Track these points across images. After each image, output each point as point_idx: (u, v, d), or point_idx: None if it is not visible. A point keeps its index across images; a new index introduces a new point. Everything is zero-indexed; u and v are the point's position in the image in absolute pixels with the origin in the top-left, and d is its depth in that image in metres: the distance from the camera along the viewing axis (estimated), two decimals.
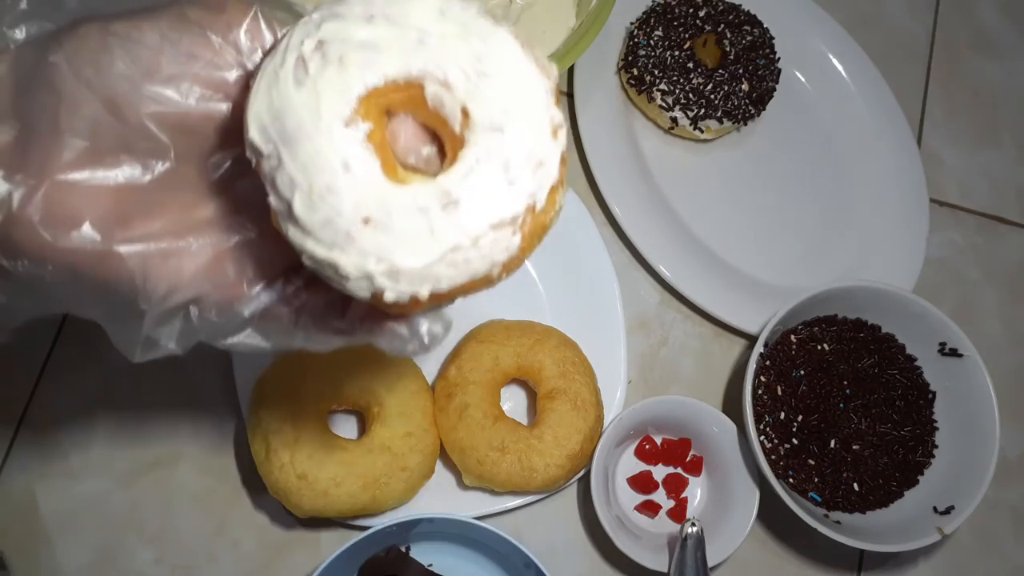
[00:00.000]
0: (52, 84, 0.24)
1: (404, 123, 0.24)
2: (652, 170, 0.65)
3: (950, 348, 0.58)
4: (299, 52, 0.23)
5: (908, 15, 0.76)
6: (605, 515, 0.53)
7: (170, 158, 0.26)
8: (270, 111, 0.23)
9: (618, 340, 0.58)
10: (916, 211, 0.67)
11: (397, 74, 0.23)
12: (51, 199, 0.24)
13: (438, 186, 0.22)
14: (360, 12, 0.23)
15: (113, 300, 0.26)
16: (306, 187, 0.22)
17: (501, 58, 0.23)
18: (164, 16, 0.25)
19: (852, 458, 0.56)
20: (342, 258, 0.23)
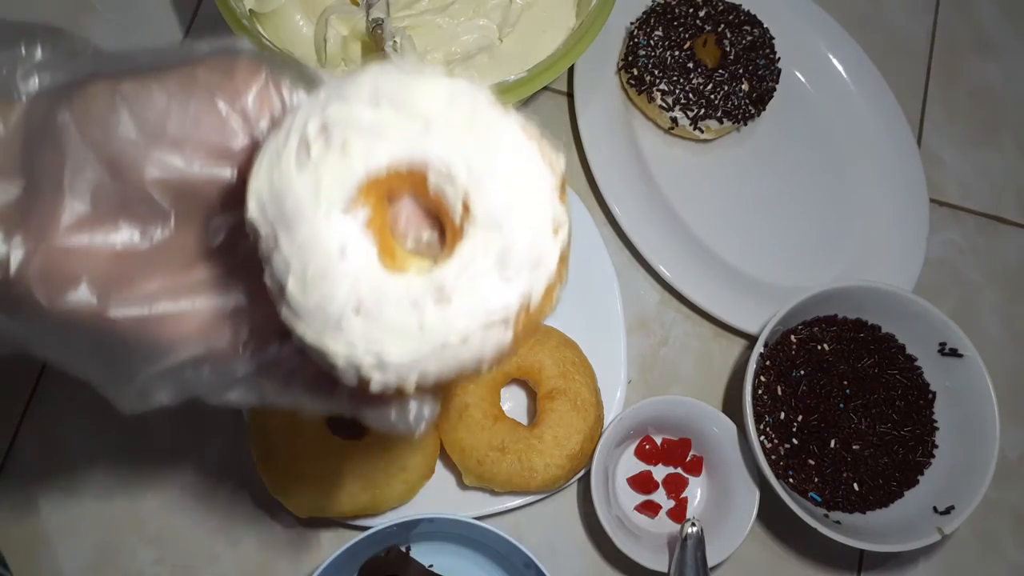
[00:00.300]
0: (58, 142, 0.24)
1: (405, 206, 0.24)
2: (652, 170, 0.65)
3: (950, 348, 0.58)
4: (303, 133, 0.23)
5: (908, 15, 0.76)
6: (605, 515, 0.53)
7: (170, 224, 0.26)
8: (270, 191, 0.23)
9: (618, 340, 0.58)
10: (916, 211, 0.67)
11: (400, 162, 0.22)
12: (48, 262, 0.24)
13: (432, 279, 0.22)
14: (367, 95, 0.23)
15: (106, 360, 0.26)
16: (300, 271, 0.22)
17: (507, 152, 0.23)
18: (173, 78, 0.25)
19: (852, 458, 0.56)
20: (331, 345, 0.23)
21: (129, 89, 0.24)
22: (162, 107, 0.24)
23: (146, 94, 0.24)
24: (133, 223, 0.25)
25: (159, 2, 0.66)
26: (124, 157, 0.24)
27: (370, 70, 0.23)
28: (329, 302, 0.22)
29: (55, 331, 0.25)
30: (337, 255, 0.22)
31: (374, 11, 0.54)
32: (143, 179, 0.24)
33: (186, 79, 0.25)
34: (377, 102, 0.23)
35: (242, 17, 0.52)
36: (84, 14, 0.65)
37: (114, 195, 0.25)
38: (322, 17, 0.57)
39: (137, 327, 0.26)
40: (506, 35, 0.60)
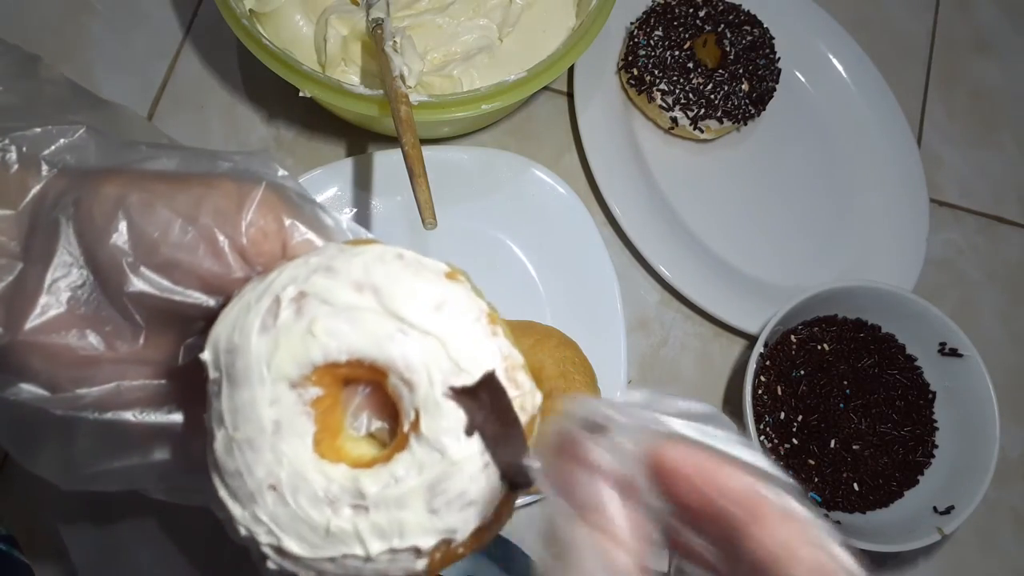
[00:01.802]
0: (55, 236, 0.24)
1: (363, 390, 0.23)
2: (652, 170, 0.65)
3: (950, 348, 0.58)
4: (277, 295, 0.22)
5: (908, 15, 0.76)
6: None
7: (140, 340, 0.26)
8: (227, 342, 0.22)
9: (618, 340, 0.58)
10: (916, 211, 0.67)
11: (363, 356, 0.21)
12: (9, 353, 0.25)
13: (356, 482, 0.21)
14: (355, 276, 0.22)
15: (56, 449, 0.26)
16: (230, 431, 0.22)
17: (478, 378, 0.21)
18: (184, 197, 0.24)
19: (852, 458, 0.56)
20: (238, 512, 0.22)
21: (135, 201, 0.24)
22: (162, 226, 0.24)
23: (150, 211, 0.24)
24: (102, 333, 0.25)
25: (159, 2, 0.66)
26: (112, 266, 0.24)
27: (371, 250, 0.22)
28: (248, 472, 0.22)
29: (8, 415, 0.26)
30: (270, 429, 0.21)
31: (374, 11, 0.54)
32: (124, 292, 0.24)
33: (195, 203, 0.24)
34: (361, 287, 0.22)
35: (242, 17, 0.52)
36: (84, 14, 0.65)
37: (93, 300, 0.25)
38: (322, 17, 0.57)
39: (89, 426, 0.26)
40: (506, 35, 0.60)
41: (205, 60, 0.65)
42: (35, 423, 0.26)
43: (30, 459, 0.27)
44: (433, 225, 0.42)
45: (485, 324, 0.22)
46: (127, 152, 0.27)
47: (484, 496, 0.21)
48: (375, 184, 0.60)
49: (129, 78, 0.63)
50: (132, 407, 0.26)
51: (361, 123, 0.61)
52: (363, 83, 0.56)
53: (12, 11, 0.64)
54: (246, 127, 0.63)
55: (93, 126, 0.27)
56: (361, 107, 0.50)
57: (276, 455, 0.21)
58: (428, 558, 0.21)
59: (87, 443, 0.26)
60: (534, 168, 0.61)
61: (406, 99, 0.47)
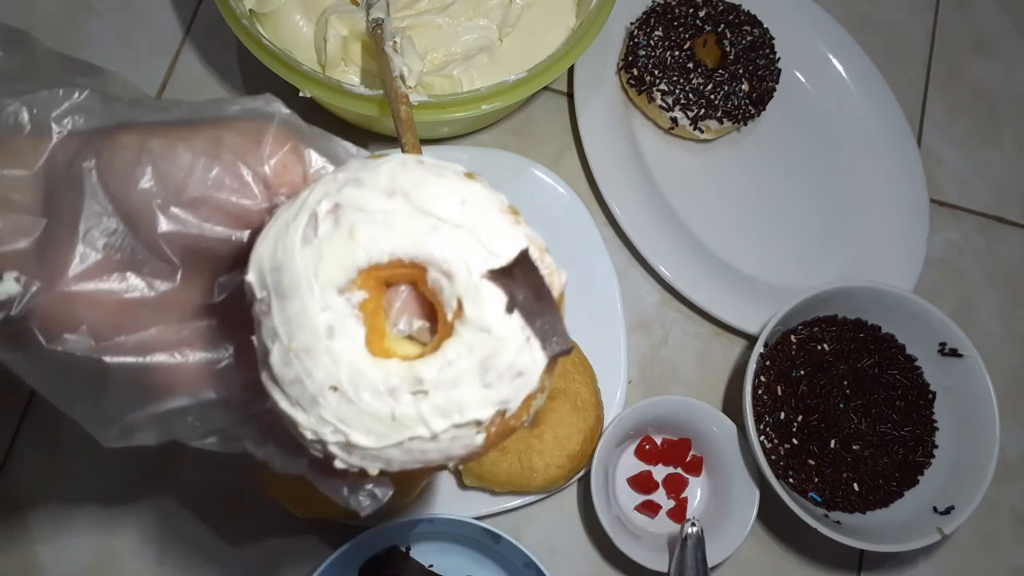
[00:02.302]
0: (80, 189, 0.25)
1: (402, 292, 0.24)
2: (652, 170, 0.65)
3: (950, 348, 0.58)
4: (314, 210, 0.23)
5: (908, 15, 0.76)
6: (605, 515, 0.53)
7: (176, 279, 0.26)
8: (272, 260, 0.23)
9: (618, 340, 0.58)
10: (916, 211, 0.67)
11: (403, 254, 0.23)
12: (53, 305, 0.25)
13: (412, 371, 0.22)
14: (383, 184, 0.23)
15: (95, 400, 0.27)
16: (285, 342, 0.23)
17: (511, 259, 0.23)
18: (201, 138, 0.25)
19: (852, 458, 0.56)
20: (302, 418, 0.23)
21: (156, 145, 0.25)
22: (186, 166, 0.25)
23: (172, 152, 0.25)
24: (141, 274, 0.26)
25: (159, 2, 0.66)
26: (142, 210, 0.25)
27: (392, 159, 0.24)
28: (307, 377, 0.23)
29: (50, 368, 0.26)
30: (324, 334, 0.22)
31: (374, 11, 0.54)
32: (156, 233, 0.25)
33: (213, 140, 0.25)
34: (392, 193, 0.23)
35: (242, 17, 0.52)
36: (84, 14, 0.65)
37: (127, 245, 0.25)
38: (322, 17, 0.57)
39: (130, 373, 0.26)
40: (506, 35, 0.60)
41: (205, 60, 0.65)
42: (77, 373, 0.26)
43: (73, 409, 0.27)
44: None
45: (508, 214, 0.24)
46: (135, 109, 0.27)
47: (529, 366, 0.23)
48: None
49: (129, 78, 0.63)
50: (173, 348, 0.27)
51: (361, 123, 0.61)
52: (363, 83, 0.56)
53: (12, 11, 0.64)
54: None
55: (96, 88, 0.27)
56: (361, 107, 0.50)
57: (333, 357, 0.22)
58: (486, 431, 0.23)
59: (129, 390, 0.27)
60: (534, 168, 0.61)
61: (406, 99, 0.47)
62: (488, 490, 0.54)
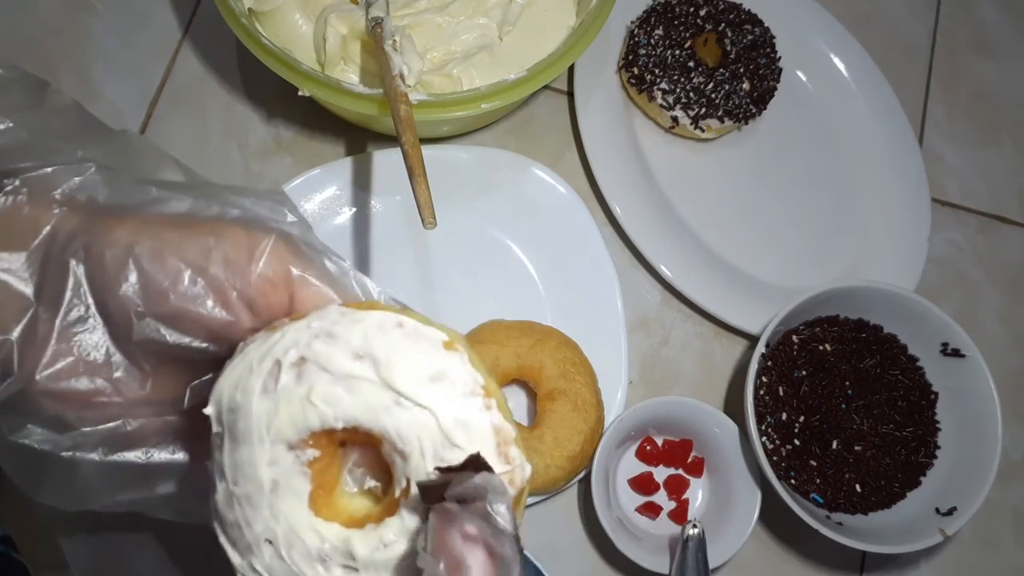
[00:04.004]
0: (64, 282, 0.25)
1: (355, 452, 0.24)
2: (652, 170, 0.65)
3: (952, 348, 0.58)
4: (278, 359, 0.22)
5: (909, 14, 0.75)
6: (606, 516, 0.53)
7: (147, 386, 0.26)
8: (230, 401, 0.23)
9: (619, 340, 0.58)
10: (918, 210, 0.67)
11: (359, 424, 0.22)
12: (18, 400, 0.25)
13: (347, 544, 0.22)
14: (355, 344, 0.22)
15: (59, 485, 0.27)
16: (230, 486, 0.23)
17: (468, 452, 0.22)
18: (193, 246, 0.25)
19: (854, 459, 0.56)
20: (236, 560, 0.23)
21: (145, 250, 0.25)
22: (172, 276, 0.24)
23: (159, 261, 0.24)
24: (113, 376, 0.26)
25: (159, 2, 0.66)
26: (121, 314, 0.25)
27: (370, 317, 0.23)
28: (247, 526, 0.23)
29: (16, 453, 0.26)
30: (268, 487, 0.22)
31: (373, 10, 0.53)
32: (130, 339, 0.25)
33: (204, 252, 0.25)
34: (360, 357, 0.22)
35: (241, 16, 0.52)
36: (84, 14, 0.65)
37: (102, 345, 0.25)
38: (321, 16, 0.57)
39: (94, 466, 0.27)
40: (506, 34, 0.59)
41: (204, 59, 0.64)
42: (42, 460, 0.26)
43: (36, 492, 0.28)
44: (433, 225, 0.42)
45: (480, 397, 0.22)
46: (137, 192, 0.27)
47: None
48: (374, 184, 0.59)
49: (129, 77, 0.63)
50: (137, 446, 0.27)
51: (361, 122, 0.61)
52: (363, 82, 0.56)
53: (12, 11, 0.64)
54: (245, 126, 0.63)
55: (103, 163, 0.27)
56: (361, 106, 0.50)
57: (273, 512, 0.22)
58: None
59: (92, 479, 0.27)
60: (534, 167, 0.60)
61: (406, 98, 0.47)
62: None
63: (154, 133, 0.62)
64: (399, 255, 0.59)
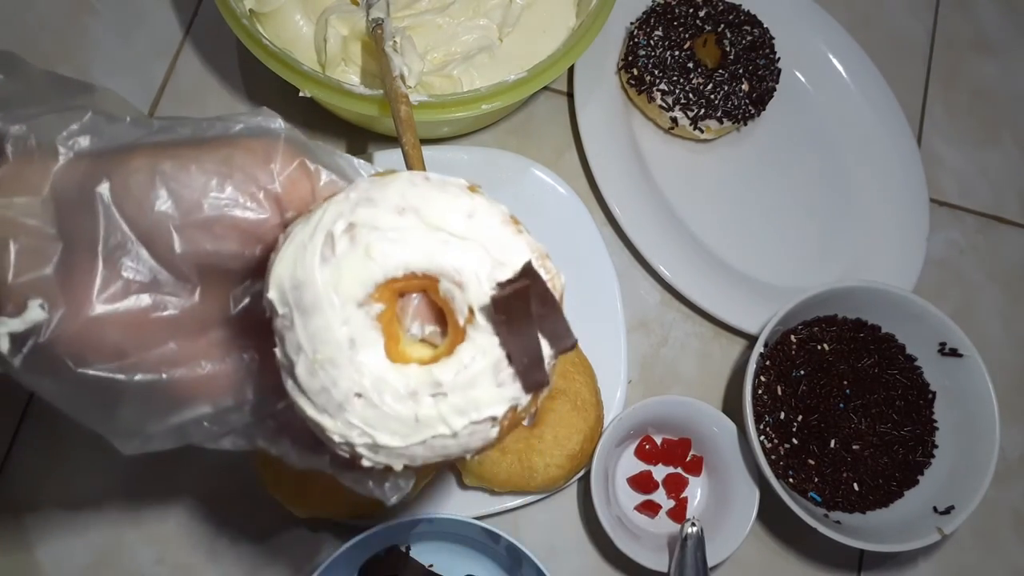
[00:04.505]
0: (95, 213, 0.25)
1: (413, 300, 0.26)
2: (652, 170, 0.65)
3: (950, 348, 0.58)
4: (330, 230, 0.24)
5: (908, 15, 0.76)
6: (605, 515, 0.53)
7: (196, 295, 0.27)
8: (292, 279, 0.24)
9: (618, 340, 0.58)
10: (916, 211, 0.67)
11: (417, 268, 0.24)
12: (80, 330, 0.26)
13: (431, 374, 0.24)
14: (394, 202, 0.24)
15: (118, 414, 0.28)
16: (310, 355, 0.24)
17: (512, 268, 0.24)
18: (211, 158, 0.26)
19: (852, 458, 0.56)
20: (330, 423, 0.25)
21: (169, 167, 0.25)
22: (199, 187, 0.25)
23: (185, 174, 0.25)
24: (161, 292, 0.27)
25: (159, 2, 0.66)
26: (158, 231, 0.26)
27: (400, 178, 0.25)
28: (333, 386, 0.24)
29: (74, 388, 0.27)
30: (346, 346, 0.24)
31: (374, 11, 0.54)
32: (174, 253, 0.26)
33: (224, 161, 0.26)
34: (402, 210, 0.24)
35: (242, 17, 0.52)
36: (84, 14, 0.65)
37: (145, 266, 0.26)
38: (322, 17, 0.57)
39: (152, 388, 0.27)
40: (506, 35, 0.59)
41: (205, 60, 0.65)
42: (100, 391, 0.27)
43: (95, 423, 0.28)
44: None
45: (511, 224, 0.25)
46: (139, 128, 0.28)
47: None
48: None
49: (129, 78, 0.63)
50: (191, 360, 0.28)
51: (361, 123, 0.61)
52: (363, 83, 0.56)
53: (12, 11, 0.64)
54: None
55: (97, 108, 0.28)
56: (361, 107, 0.50)
57: (356, 367, 0.24)
58: (500, 425, 0.25)
59: (150, 403, 0.28)
60: (534, 168, 0.61)
61: (406, 99, 0.47)
62: (488, 490, 0.54)
63: None
64: None
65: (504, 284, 0.24)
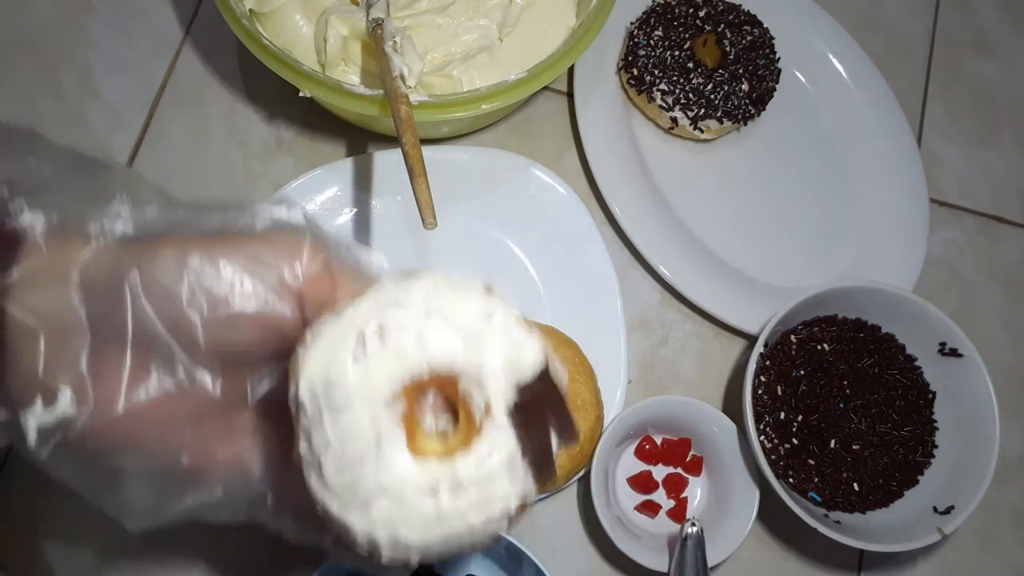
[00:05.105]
0: (123, 304, 0.26)
1: (430, 395, 0.27)
2: (652, 170, 0.65)
3: (950, 348, 0.58)
4: (361, 330, 0.25)
5: (908, 15, 0.76)
6: (605, 515, 0.53)
7: (218, 386, 0.28)
8: (323, 378, 0.25)
9: (618, 340, 0.58)
10: (916, 211, 0.67)
11: (441, 368, 0.26)
12: (110, 427, 0.26)
13: (451, 469, 0.25)
14: (420, 306, 0.26)
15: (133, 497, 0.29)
16: (339, 452, 0.25)
17: (528, 368, 0.26)
18: (239, 253, 0.27)
19: (852, 458, 0.56)
20: (354, 521, 0.25)
21: (197, 262, 0.26)
22: (227, 282, 0.26)
23: (213, 270, 0.26)
24: (183, 383, 0.27)
25: (159, 2, 0.66)
26: (184, 324, 0.26)
27: (424, 280, 0.27)
28: (360, 483, 0.25)
29: (93, 474, 0.27)
30: (374, 443, 0.25)
31: (374, 11, 0.54)
32: (199, 345, 0.26)
33: (251, 257, 0.27)
34: (428, 312, 0.26)
35: (242, 17, 0.52)
36: (84, 14, 0.65)
37: (170, 358, 0.27)
38: (322, 17, 0.57)
39: (168, 474, 0.28)
40: (506, 35, 0.60)
41: (205, 60, 0.65)
42: (115, 475, 0.28)
43: (104, 503, 0.29)
44: (433, 225, 0.42)
45: (524, 324, 0.27)
46: (167, 216, 0.28)
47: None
48: (375, 184, 0.60)
49: (129, 78, 0.63)
50: (206, 447, 0.29)
51: (361, 123, 0.61)
52: (363, 83, 0.56)
53: (12, 11, 0.64)
54: (246, 127, 0.63)
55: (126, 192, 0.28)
56: (361, 107, 0.50)
57: (383, 464, 0.25)
58: (509, 520, 0.26)
59: (161, 487, 0.28)
60: (534, 168, 0.61)
61: (406, 99, 0.47)
62: None
63: (155, 134, 0.62)
64: (399, 255, 0.59)
65: (524, 387, 0.26)
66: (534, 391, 0.26)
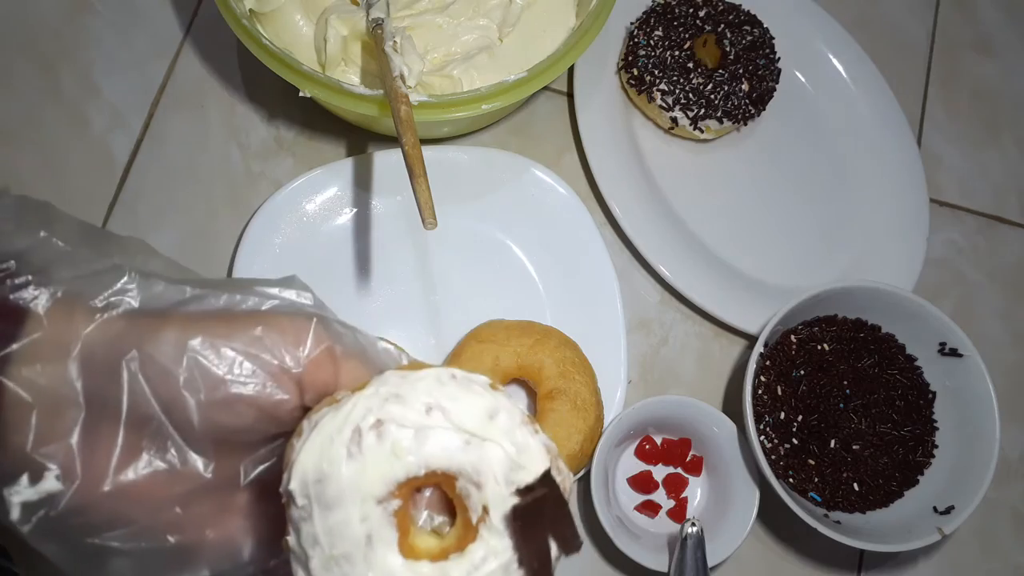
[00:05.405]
0: (120, 382, 0.26)
1: (426, 493, 0.27)
2: (652, 170, 0.65)
3: (950, 348, 0.58)
4: (358, 425, 0.25)
5: (908, 15, 0.76)
6: (605, 515, 0.53)
7: (210, 469, 0.28)
8: (316, 472, 0.25)
9: (618, 340, 0.58)
10: (916, 211, 0.67)
11: (438, 467, 0.25)
12: (94, 501, 0.26)
13: (442, 571, 0.25)
14: (422, 400, 0.25)
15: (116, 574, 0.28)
16: (327, 550, 0.25)
17: (530, 471, 0.25)
18: (242, 337, 0.26)
19: (852, 458, 0.56)
20: None
21: (199, 344, 0.26)
22: (226, 366, 0.26)
23: (213, 354, 0.26)
24: (175, 463, 0.27)
25: (159, 2, 0.66)
26: (180, 404, 0.26)
27: (428, 375, 0.26)
28: None
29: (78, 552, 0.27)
30: (363, 543, 0.24)
31: (374, 11, 0.54)
32: (193, 426, 0.26)
33: (253, 341, 0.26)
34: (429, 409, 0.25)
35: (242, 17, 0.52)
36: (84, 14, 0.65)
37: (163, 438, 0.26)
38: (322, 17, 0.57)
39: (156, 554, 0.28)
40: (506, 35, 0.59)
41: (205, 60, 0.65)
42: (101, 554, 0.27)
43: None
44: (433, 225, 0.42)
45: (529, 424, 0.26)
46: (173, 293, 0.28)
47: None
48: (375, 184, 0.60)
49: (129, 78, 0.63)
50: (196, 527, 0.28)
51: (361, 123, 0.61)
52: (363, 83, 0.56)
53: (12, 11, 0.64)
54: (246, 127, 0.63)
55: (135, 267, 0.28)
56: (361, 107, 0.50)
57: (371, 564, 0.24)
58: None
59: (151, 568, 0.28)
60: (534, 168, 0.61)
61: (406, 99, 0.47)
62: None
63: (155, 134, 0.62)
64: (400, 255, 0.59)
65: (523, 492, 0.25)
66: (535, 495, 0.25)
